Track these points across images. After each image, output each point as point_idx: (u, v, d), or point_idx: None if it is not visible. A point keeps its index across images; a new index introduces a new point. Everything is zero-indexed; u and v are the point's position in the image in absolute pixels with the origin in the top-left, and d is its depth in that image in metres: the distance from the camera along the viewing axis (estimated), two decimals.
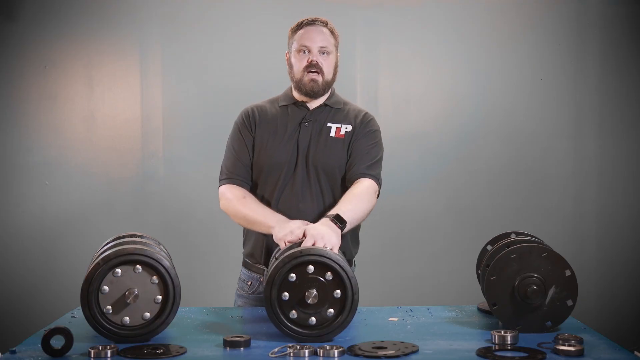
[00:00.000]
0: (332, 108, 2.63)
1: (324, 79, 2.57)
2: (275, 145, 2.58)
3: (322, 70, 2.56)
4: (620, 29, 4.21)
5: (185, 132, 4.25)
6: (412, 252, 4.24)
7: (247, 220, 2.54)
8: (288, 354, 1.84)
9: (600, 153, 4.24)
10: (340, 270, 2.01)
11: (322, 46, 2.55)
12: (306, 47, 2.55)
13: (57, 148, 4.22)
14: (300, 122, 2.59)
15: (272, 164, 2.57)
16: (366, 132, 2.62)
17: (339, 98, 2.68)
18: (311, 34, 2.56)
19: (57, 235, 4.22)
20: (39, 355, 1.87)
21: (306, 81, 2.56)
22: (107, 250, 2.07)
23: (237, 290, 2.71)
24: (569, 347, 1.84)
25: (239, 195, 2.58)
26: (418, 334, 2.07)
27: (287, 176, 2.56)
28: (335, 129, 2.60)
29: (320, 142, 2.57)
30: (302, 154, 2.56)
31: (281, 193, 2.55)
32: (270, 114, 2.63)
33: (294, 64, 2.59)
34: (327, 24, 2.60)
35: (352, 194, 2.49)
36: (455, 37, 4.23)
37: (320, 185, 2.56)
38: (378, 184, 2.58)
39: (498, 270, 2.10)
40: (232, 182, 2.61)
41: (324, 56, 2.56)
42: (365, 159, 2.57)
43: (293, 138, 2.58)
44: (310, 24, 2.58)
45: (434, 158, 4.24)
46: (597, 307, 4.19)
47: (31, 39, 4.18)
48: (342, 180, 2.58)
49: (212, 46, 4.22)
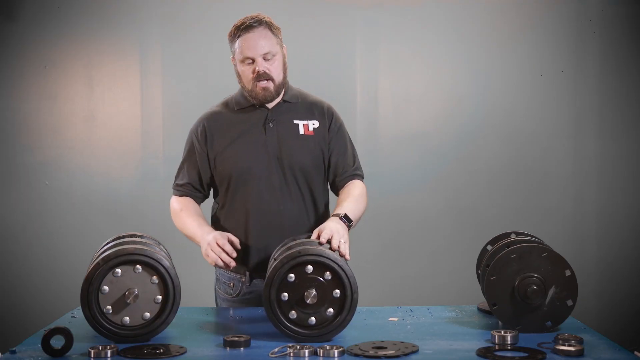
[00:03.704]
0: (291, 103, 2.57)
1: (275, 84, 2.48)
2: (240, 151, 2.51)
3: (272, 76, 2.47)
4: (620, 29, 4.21)
5: (185, 132, 4.20)
6: (412, 252, 4.24)
7: (186, 235, 2.59)
8: (288, 354, 1.85)
9: (600, 153, 4.24)
10: (339, 269, 2.01)
11: (265, 53, 2.45)
12: (249, 57, 2.45)
13: (57, 148, 4.22)
14: (263, 124, 2.53)
15: (241, 171, 2.50)
16: (337, 128, 2.59)
17: (294, 91, 2.60)
18: (250, 41, 2.44)
19: (57, 235, 4.22)
20: (39, 355, 1.87)
21: (258, 91, 2.48)
22: (107, 250, 2.07)
23: (219, 293, 2.64)
24: (569, 347, 1.84)
25: (177, 209, 2.61)
26: (418, 334, 2.07)
27: (262, 181, 2.49)
28: (302, 126, 2.54)
29: (291, 141, 2.52)
30: (274, 156, 2.50)
31: (260, 199, 2.49)
32: (228, 119, 2.55)
33: (242, 74, 2.50)
34: (264, 22, 2.46)
35: (351, 195, 2.49)
36: (455, 37, 4.23)
37: (299, 185, 2.52)
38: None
39: (498, 270, 2.10)
40: (176, 194, 2.65)
41: (269, 61, 2.46)
42: (349, 159, 2.58)
43: (260, 141, 2.51)
44: (247, 30, 2.44)
45: (434, 158, 4.24)
46: (597, 307, 4.19)
47: (31, 39, 4.18)
48: (317, 178, 2.55)
49: (212, 46, 4.21)
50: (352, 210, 2.41)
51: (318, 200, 2.56)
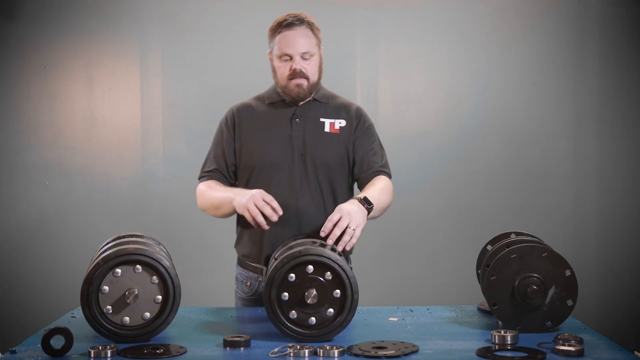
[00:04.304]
0: (320, 102, 2.59)
1: (309, 83, 2.51)
2: (265, 143, 2.54)
3: (307, 75, 2.50)
4: (620, 29, 4.21)
5: (185, 132, 4.25)
6: (412, 252, 4.24)
7: (214, 205, 2.52)
8: (288, 354, 1.85)
9: (600, 153, 4.24)
10: (339, 270, 2.01)
11: (304, 52, 2.47)
12: (287, 54, 2.48)
13: (57, 148, 4.22)
14: (290, 119, 2.55)
15: (264, 163, 2.52)
16: (366, 128, 2.59)
17: (325, 91, 2.63)
18: (290, 39, 2.46)
19: (57, 235, 4.22)
20: (39, 355, 1.87)
21: (292, 87, 2.50)
22: (107, 250, 2.07)
23: (237, 292, 2.67)
24: (569, 347, 1.84)
25: (208, 186, 2.57)
26: (418, 334, 2.07)
27: (283, 175, 2.51)
28: (329, 124, 2.56)
29: (316, 138, 2.54)
30: (298, 151, 2.52)
31: (279, 193, 2.47)
32: (257, 112, 2.59)
33: (277, 69, 2.53)
34: (305, 22, 2.49)
35: (375, 187, 2.47)
36: (455, 37, 4.23)
37: (319, 182, 2.53)
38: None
39: (498, 270, 2.10)
40: (206, 179, 2.60)
41: (306, 61, 2.49)
42: (376, 157, 2.56)
43: (285, 135, 2.54)
44: (289, 27, 2.47)
45: (434, 158, 4.24)
46: (597, 307, 4.19)
47: (31, 39, 4.18)
48: (341, 177, 2.56)
49: (212, 46, 4.22)
50: (376, 197, 2.39)
51: (339, 200, 2.53)
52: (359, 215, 2.25)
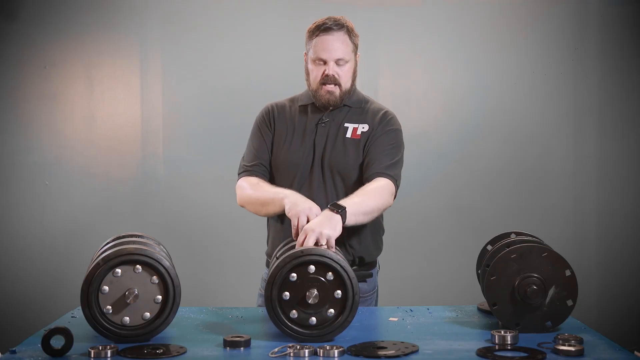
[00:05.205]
0: (351, 108, 2.58)
1: (341, 90, 2.51)
2: (292, 145, 2.56)
3: (339, 82, 2.50)
4: (620, 29, 4.21)
5: (185, 132, 4.25)
6: (412, 252, 4.24)
7: (261, 202, 2.47)
8: (288, 354, 1.84)
9: (600, 153, 4.24)
10: (341, 270, 2.01)
11: (339, 58, 2.48)
12: (322, 59, 2.48)
13: (57, 148, 4.22)
14: (317, 123, 2.56)
15: (288, 164, 2.55)
16: (386, 131, 2.56)
17: (360, 96, 2.61)
18: (327, 44, 2.47)
19: (57, 236, 4.22)
20: (39, 355, 1.87)
21: (322, 93, 2.51)
22: (107, 250, 2.07)
23: (260, 290, 2.70)
24: (569, 347, 1.84)
25: (253, 182, 2.54)
26: (418, 334, 2.07)
27: (302, 177, 2.53)
28: (352, 130, 2.55)
29: (337, 143, 2.54)
30: (318, 156, 2.54)
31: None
32: (289, 113, 2.60)
33: (311, 72, 2.53)
34: (344, 27, 2.50)
35: (362, 190, 2.44)
36: (455, 37, 4.23)
37: (336, 187, 2.53)
38: (395, 185, 2.54)
39: (498, 270, 2.10)
40: (248, 175, 2.57)
41: (341, 67, 2.49)
42: (384, 159, 2.52)
43: (310, 139, 2.55)
44: (327, 32, 2.48)
45: (434, 158, 4.24)
46: (597, 307, 4.19)
47: (31, 39, 4.18)
48: (359, 182, 2.53)
49: (212, 46, 4.22)
50: (355, 202, 2.33)
51: None
52: (327, 226, 2.18)
